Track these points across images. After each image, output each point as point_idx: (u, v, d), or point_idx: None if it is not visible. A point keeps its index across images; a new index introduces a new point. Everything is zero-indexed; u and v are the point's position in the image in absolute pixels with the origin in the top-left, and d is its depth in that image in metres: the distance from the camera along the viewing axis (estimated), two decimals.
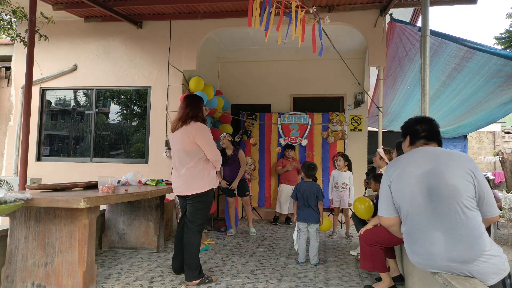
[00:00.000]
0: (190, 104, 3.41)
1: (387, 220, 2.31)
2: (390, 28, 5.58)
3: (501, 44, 11.03)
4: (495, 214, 2.08)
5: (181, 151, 3.32)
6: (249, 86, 7.73)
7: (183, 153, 3.31)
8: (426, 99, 4.06)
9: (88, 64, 6.35)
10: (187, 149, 3.28)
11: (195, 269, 3.27)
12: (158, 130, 6.05)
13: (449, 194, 2.01)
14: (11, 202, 2.66)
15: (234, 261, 4.07)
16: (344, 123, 6.73)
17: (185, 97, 3.53)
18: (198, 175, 3.29)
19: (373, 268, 3.02)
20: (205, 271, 3.63)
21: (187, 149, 3.28)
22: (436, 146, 2.29)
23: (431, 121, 2.35)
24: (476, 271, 1.93)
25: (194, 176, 3.28)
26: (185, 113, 3.36)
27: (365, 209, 3.82)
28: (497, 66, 4.90)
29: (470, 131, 9.18)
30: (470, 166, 2.05)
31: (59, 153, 6.51)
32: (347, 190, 5.52)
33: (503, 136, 16.19)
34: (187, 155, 3.30)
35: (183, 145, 3.30)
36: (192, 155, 3.29)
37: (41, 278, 3.04)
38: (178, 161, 3.37)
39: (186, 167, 3.29)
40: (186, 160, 3.30)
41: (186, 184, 3.30)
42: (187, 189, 3.30)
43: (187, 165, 3.29)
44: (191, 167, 3.29)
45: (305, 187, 4.10)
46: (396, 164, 2.30)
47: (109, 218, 4.55)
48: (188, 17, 5.97)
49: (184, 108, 3.39)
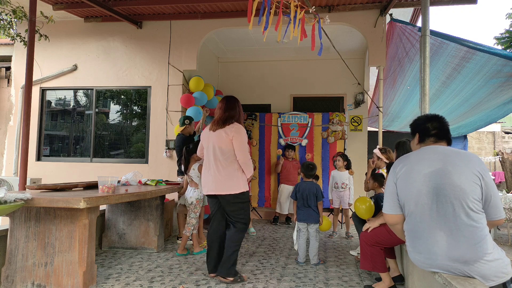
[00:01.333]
0: (229, 106, 3.43)
1: (391, 218, 2.30)
2: (390, 28, 5.58)
3: (501, 44, 11.03)
4: (501, 217, 2.06)
5: (218, 149, 3.31)
6: (249, 86, 7.73)
7: (219, 152, 3.30)
8: (426, 99, 4.06)
9: (88, 64, 6.35)
10: (225, 147, 3.29)
11: (232, 265, 3.31)
12: (158, 130, 6.05)
13: (454, 195, 2.00)
14: (11, 202, 2.66)
15: None
16: (344, 123, 6.73)
17: (225, 99, 3.51)
18: (234, 175, 3.30)
19: (373, 268, 3.02)
20: (205, 271, 3.64)
21: (224, 148, 3.30)
22: (445, 145, 2.26)
23: (441, 119, 2.31)
24: (477, 273, 1.92)
25: (230, 176, 3.29)
26: (225, 114, 3.39)
27: (366, 209, 3.82)
28: (497, 67, 4.89)
29: (470, 131, 9.18)
30: (478, 167, 2.03)
31: (59, 153, 6.52)
32: (347, 190, 5.53)
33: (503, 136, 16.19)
34: (223, 154, 3.30)
35: (220, 143, 3.30)
36: (229, 154, 3.30)
37: (41, 278, 3.04)
38: (213, 160, 3.34)
39: (222, 166, 3.29)
40: (222, 159, 3.30)
41: (221, 183, 3.28)
42: (222, 189, 3.29)
43: (223, 164, 3.30)
44: (227, 167, 3.29)
45: (305, 187, 4.10)
46: (404, 161, 2.27)
47: (109, 218, 4.54)
48: (188, 17, 5.97)
49: (224, 110, 3.41)
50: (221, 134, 3.30)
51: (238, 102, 3.50)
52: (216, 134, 3.33)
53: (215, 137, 3.34)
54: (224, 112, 3.40)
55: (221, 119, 3.38)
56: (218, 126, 3.35)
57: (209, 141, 3.39)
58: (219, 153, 3.30)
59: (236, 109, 3.44)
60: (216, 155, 3.32)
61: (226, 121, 3.35)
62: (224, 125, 3.33)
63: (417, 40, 4.91)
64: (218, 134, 3.32)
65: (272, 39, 6.48)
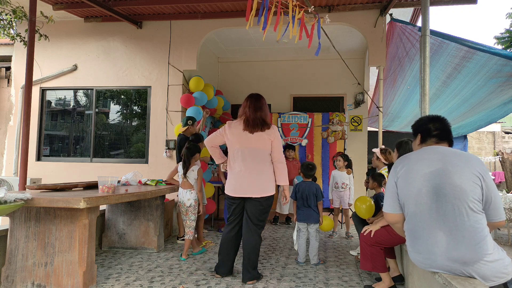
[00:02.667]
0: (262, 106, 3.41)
1: (391, 217, 2.31)
2: (390, 28, 5.58)
3: (501, 44, 11.05)
4: (501, 219, 2.05)
5: (259, 151, 3.29)
6: (249, 86, 7.72)
7: (259, 153, 3.29)
8: (426, 99, 4.06)
9: (88, 64, 6.35)
10: (265, 149, 3.30)
11: (255, 269, 3.33)
12: (158, 130, 6.05)
13: (454, 195, 2.00)
14: (11, 202, 2.66)
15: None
16: (344, 123, 6.73)
17: (256, 98, 3.47)
18: (272, 177, 3.33)
19: (373, 269, 3.02)
20: (205, 271, 3.64)
21: (265, 150, 3.30)
22: (446, 146, 2.27)
23: (443, 120, 2.32)
24: (477, 273, 1.92)
25: (269, 178, 3.31)
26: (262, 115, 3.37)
27: (366, 208, 3.82)
28: (497, 66, 4.89)
29: (470, 131, 9.18)
30: (479, 168, 2.02)
31: (59, 153, 6.52)
32: (347, 190, 5.53)
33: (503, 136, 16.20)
34: (264, 156, 3.30)
35: (262, 145, 3.29)
36: (267, 156, 3.32)
37: (41, 278, 3.04)
38: (250, 161, 3.28)
39: (262, 169, 3.28)
40: (262, 162, 3.29)
41: (261, 186, 3.27)
42: (260, 191, 3.27)
43: (260, 166, 3.28)
44: (267, 169, 3.31)
45: (304, 187, 4.09)
46: (404, 161, 2.27)
47: (109, 218, 4.54)
48: (188, 17, 5.97)
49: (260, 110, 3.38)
50: (262, 136, 3.29)
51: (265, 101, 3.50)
52: (257, 137, 3.29)
53: (255, 139, 3.29)
54: (261, 113, 3.37)
55: (259, 121, 3.32)
56: (258, 128, 3.30)
57: (246, 142, 3.31)
58: (260, 155, 3.29)
59: (267, 110, 3.46)
60: (256, 157, 3.28)
61: (264, 123, 3.34)
62: (263, 127, 3.31)
63: (417, 40, 4.91)
64: (259, 137, 3.29)
65: (272, 39, 6.47)
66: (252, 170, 3.28)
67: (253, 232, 3.32)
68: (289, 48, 7.06)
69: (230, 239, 3.41)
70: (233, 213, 3.43)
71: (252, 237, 3.31)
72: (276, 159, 3.34)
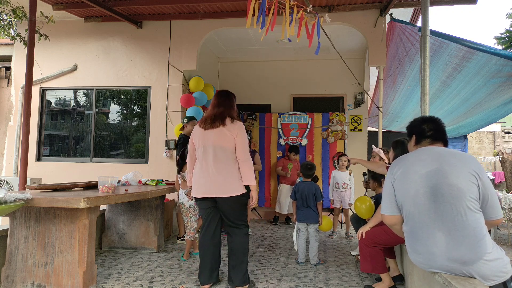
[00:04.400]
0: (226, 102, 3.21)
1: (390, 219, 2.31)
2: (390, 28, 5.58)
3: (501, 44, 11.05)
4: (499, 217, 2.06)
5: (219, 148, 3.04)
6: (249, 86, 7.73)
7: (221, 151, 3.04)
8: (426, 99, 4.06)
9: (88, 64, 6.35)
10: (227, 146, 3.04)
11: (246, 273, 3.11)
12: (158, 130, 6.05)
13: (452, 194, 2.00)
14: (11, 202, 2.67)
15: None
16: (344, 123, 6.73)
17: (220, 94, 3.27)
18: (237, 176, 3.06)
19: (373, 270, 3.02)
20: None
21: (226, 147, 3.04)
22: (441, 146, 2.28)
23: (437, 120, 2.34)
24: (476, 273, 1.92)
25: (234, 177, 3.04)
26: (224, 111, 3.15)
27: (366, 208, 3.82)
28: (497, 66, 4.89)
29: (470, 131, 9.18)
30: (474, 167, 2.03)
31: (59, 153, 6.52)
32: (348, 190, 5.53)
33: (503, 136, 16.19)
34: (226, 154, 3.05)
35: (222, 142, 3.04)
36: (231, 154, 3.06)
37: (41, 278, 3.04)
38: (212, 160, 3.05)
39: (224, 167, 3.03)
40: (224, 159, 3.04)
41: (224, 185, 3.02)
42: (226, 191, 3.02)
43: (225, 164, 3.04)
44: (230, 167, 3.05)
45: (304, 187, 4.09)
46: (400, 162, 2.28)
47: (109, 218, 4.54)
48: (188, 17, 5.97)
49: (221, 106, 3.18)
50: (223, 132, 3.05)
51: (233, 97, 3.30)
52: (216, 132, 3.06)
53: (215, 135, 3.06)
54: (222, 108, 3.16)
55: (218, 116, 3.11)
56: (216, 124, 3.08)
57: (206, 139, 3.10)
58: (220, 153, 3.04)
59: (233, 105, 3.24)
60: (217, 155, 3.04)
61: (224, 118, 3.10)
62: (224, 122, 3.08)
63: (417, 40, 4.91)
64: (219, 132, 3.05)
65: (272, 39, 6.47)
66: (214, 170, 3.04)
67: (237, 234, 3.11)
68: (289, 48, 7.06)
69: (206, 242, 3.16)
70: (206, 214, 3.18)
71: (237, 239, 3.10)
72: (239, 157, 3.06)
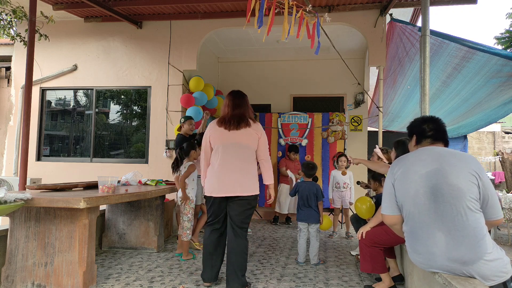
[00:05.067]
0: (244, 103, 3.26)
1: (390, 218, 2.31)
2: (390, 28, 5.58)
3: (501, 44, 11.04)
4: (499, 217, 2.05)
5: (245, 147, 3.08)
6: (249, 86, 7.72)
7: (246, 150, 3.09)
8: (426, 99, 4.06)
9: (88, 64, 6.35)
10: (253, 145, 3.12)
11: (244, 276, 3.08)
12: (158, 130, 6.05)
13: (452, 195, 2.00)
14: (11, 202, 2.66)
15: None
16: (344, 123, 6.72)
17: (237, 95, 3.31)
18: (256, 175, 3.16)
19: (373, 270, 3.02)
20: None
21: (252, 146, 3.11)
22: (442, 146, 2.28)
23: (437, 120, 2.33)
24: (476, 273, 1.92)
25: (254, 176, 3.12)
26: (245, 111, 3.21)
27: (366, 209, 3.82)
28: (497, 66, 4.90)
29: (470, 131, 9.18)
30: (475, 167, 2.03)
31: (59, 153, 6.52)
32: (348, 190, 5.53)
33: (503, 136, 16.20)
34: (250, 153, 3.11)
35: (249, 141, 3.10)
36: (253, 153, 3.14)
37: (41, 278, 3.04)
38: (235, 159, 3.07)
39: (247, 167, 3.08)
40: (248, 159, 3.09)
41: (246, 184, 3.05)
42: (246, 190, 3.05)
43: (247, 163, 3.09)
44: (252, 167, 3.11)
45: (305, 187, 4.09)
46: (401, 162, 2.28)
47: (109, 218, 4.54)
48: (188, 17, 5.97)
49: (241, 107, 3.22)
50: (249, 132, 3.10)
51: (247, 98, 3.35)
52: (243, 133, 3.09)
53: (241, 135, 3.09)
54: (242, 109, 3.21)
55: (242, 117, 3.15)
56: (242, 125, 3.11)
57: (229, 139, 3.10)
58: (245, 152, 3.09)
59: (249, 106, 3.29)
60: (241, 154, 3.08)
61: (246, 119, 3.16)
62: (248, 123, 3.13)
63: (417, 39, 4.91)
64: (245, 133, 3.09)
65: (272, 39, 6.47)
66: (238, 168, 3.06)
67: (240, 236, 3.08)
68: (289, 48, 7.06)
69: (212, 242, 3.18)
70: (213, 214, 3.18)
71: (240, 241, 3.08)
72: (262, 157, 3.16)
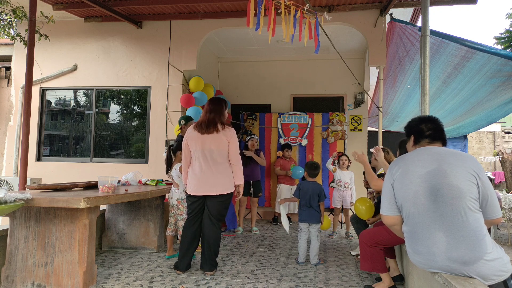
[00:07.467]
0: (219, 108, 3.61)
1: (389, 219, 2.31)
2: (390, 28, 5.58)
3: (501, 44, 11.04)
4: (498, 216, 2.06)
5: (216, 151, 3.48)
6: (249, 86, 7.73)
7: (217, 153, 3.48)
8: (426, 99, 4.06)
9: (88, 64, 6.35)
10: (223, 149, 3.50)
11: (215, 260, 3.59)
12: (158, 130, 6.05)
13: (452, 195, 2.00)
14: (11, 202, 2.66)
15: (234, 261, 4.07)
16: (344, 123, 6.72)
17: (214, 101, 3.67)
18: (230, 175, 3.56)
19: (373, 269, 3.02)
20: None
21: (222, 149, 3.50)
22: (440, 146, 2.27)
23: (435, 120, 2.33)
24: (476, 273, 1.92)
25: (227, 176, 3.53)
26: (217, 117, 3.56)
27: (366, 209, 3.82)
28: (497, 66, 4.90)
29: (470, 131, 9.18)
30: (474, 167, 2.03)
31: (59, 153, 6.51)
32: (349, 190, 5.52)
33: (503, 136, 16.20)
34: (221, 155, 3.50)
35: (219, 145, 3.48)
36: (225, 156, 3.53)
37: (41, 278, 3.04)
38: (209, 161, 3.48)
39: (220, 168, 3.49)
40: (219, 160, 3.49)
41: (220, 184, 3.48)
42: (219, 189, 3.48)
43: (220, 165, 3.50)
44: (225, 168, 3.52)
45: (308, 187, 4.08)
46: (399, 163, 2.28)
47: (109, 218, 4.54)
48: (188, 17, 5.97)
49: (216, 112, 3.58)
50: (220, 137, 3.49)
51: (224, 104, 3.68)
52: (213, 137, 3.48)
53: (212, 139, 3.48)
54: (213, 114, 3.57)
55: (211, 122, 3.53)
56: (211, 129, 3.49)
57: (204, 143, 3.50)
58: (217, 155, 3.48)
59: (223, 112, 3.63)
60: (214, 157, 3.48)
61: (216, 123, 3.52)
62: (218, 128, 3.50)
63: (417, 39, 4.91)
64: (216, 137, 3.48)
65: (272, 39, 6.47)
66: (211, 170, 3.48)
67: (216, 227, 3.55)
68: (289, 48, 7.06)
69: (191, 234, 3.58)
70: (194, 210, 3.60)
71: (215, 231, 3.54)
72: (232, 161, 3.55)
